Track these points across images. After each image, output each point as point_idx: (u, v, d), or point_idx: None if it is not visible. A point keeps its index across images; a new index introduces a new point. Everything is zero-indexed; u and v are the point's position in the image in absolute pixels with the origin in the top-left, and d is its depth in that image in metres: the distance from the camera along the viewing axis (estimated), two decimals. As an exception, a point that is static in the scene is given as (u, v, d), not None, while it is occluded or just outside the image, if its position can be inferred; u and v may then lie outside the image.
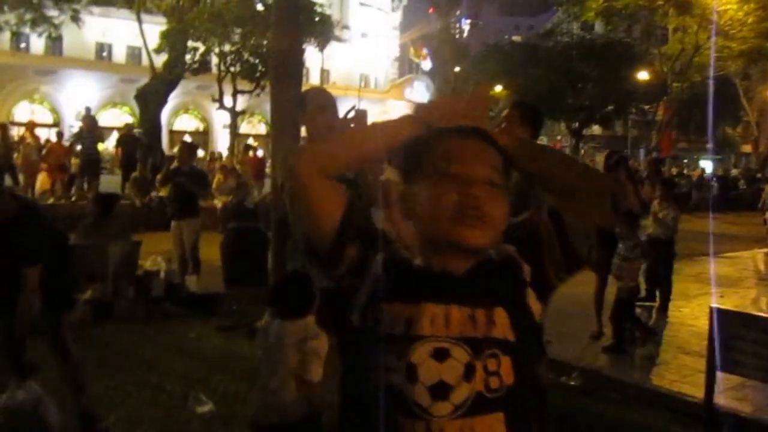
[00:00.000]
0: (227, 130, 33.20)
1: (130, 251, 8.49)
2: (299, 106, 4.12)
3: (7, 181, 16.56)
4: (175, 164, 10.54)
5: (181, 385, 5.75)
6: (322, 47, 28.50)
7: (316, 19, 26.22)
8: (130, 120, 26.06)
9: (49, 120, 38.44)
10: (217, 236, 10.81)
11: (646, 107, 36.46)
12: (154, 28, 24.68)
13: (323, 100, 4.04)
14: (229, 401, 5.41)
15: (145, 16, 24.45)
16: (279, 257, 6.58)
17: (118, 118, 37.65)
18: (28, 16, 22.55)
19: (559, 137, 49.04)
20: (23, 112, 38.55)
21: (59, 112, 39.63)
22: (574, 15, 33.90)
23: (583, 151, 36.96)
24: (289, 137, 7.52)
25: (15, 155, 18.50)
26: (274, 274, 7.50)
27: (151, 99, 22.07)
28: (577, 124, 33.87)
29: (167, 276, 8.82)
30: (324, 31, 27.34)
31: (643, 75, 32.39)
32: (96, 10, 30.27)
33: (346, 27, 47.81)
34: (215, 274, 9.60)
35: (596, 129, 40.22)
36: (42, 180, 17.70)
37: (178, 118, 43.70)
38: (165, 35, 23.18)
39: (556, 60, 31.29)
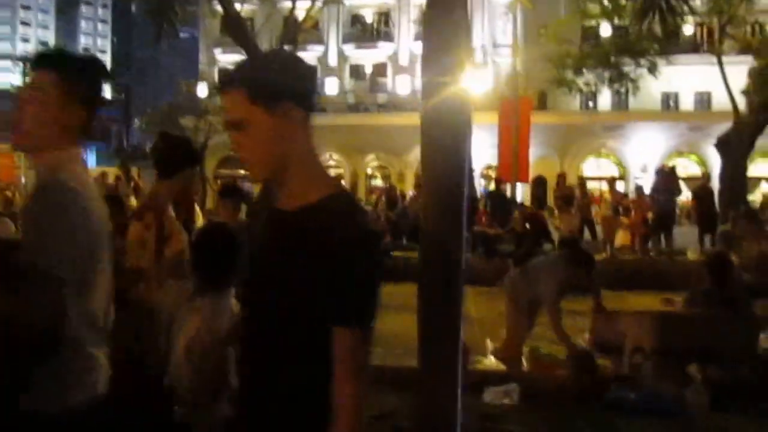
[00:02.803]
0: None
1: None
2: None
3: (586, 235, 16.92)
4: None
5: None
6: None
7: None
8: (697, 170, 24.86)
9: (615, 173, 39.24)
10: None
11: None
12: (733, 69, 22.91)
13: None
14: None
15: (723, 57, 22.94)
16: None
17: (685, 168, 36.66)
18: (605, 75, 22.91)
19: None
20: (590, 167, 40.27)
21: (625, 165, 40.21)
22: None
23: None
24: None
25: (594, 210, 18.84)
26: None
27: (734, 145, 20.51)
28: None
29: None
30: None
31: None
32: (662, 60, 29.83)
33: None
34: None
35: None
36: (622, 236, 17.58)
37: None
38: (754, 74, 21.17)
39: None
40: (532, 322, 7.74)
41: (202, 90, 48.90)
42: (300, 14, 25.11)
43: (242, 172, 23.22)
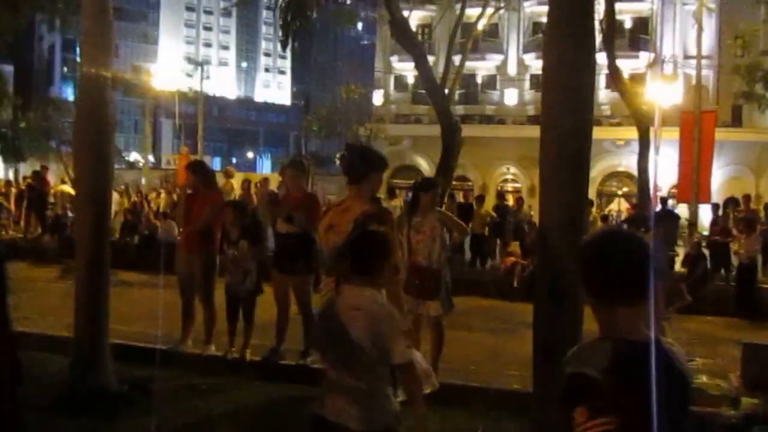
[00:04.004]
0: None
1: None
2: None
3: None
4: None
5: None
6: None
7: None
8: None
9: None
10: None
11: None
12: None
13: None
14: None
15: None
16: None
17: None
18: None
19: None
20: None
21: None
22: None
23: None
24: None
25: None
26: None
27: None
28: None
29: None
30: None
31: None
32: None
33: None
34: None
35: None
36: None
37: None
38: None
39: None
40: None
41: (377, 98, 50.31)
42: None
43: (412, 181, 23.43)
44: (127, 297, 11.96)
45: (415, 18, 41.64)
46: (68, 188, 21.61)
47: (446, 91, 22.04)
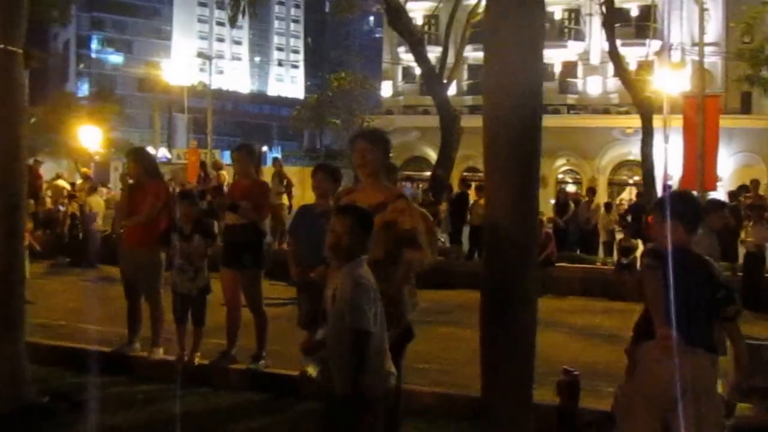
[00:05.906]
0: None
1: None
2: None
3: None
4: None
5: None
6: None
7: None
8: None
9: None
10: None
11: None
12: None
13: None
14: None
15: None
16: None
17: None
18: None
19: None
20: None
21: None
22: None
23: None
24: None
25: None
26: None
27: None
28: None
29: None
30: None
31: None
32: None
33: None
34: None
35: None
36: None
37: None
38: None
39: None
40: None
41: (386, 89, 49.65)
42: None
43: (427, 173, 23.00)
44: (102, 294, 11.38)
45: (421, 9, 40.91)
46: (63, 183, 21.06)
47: (444, 80, 21.33)
